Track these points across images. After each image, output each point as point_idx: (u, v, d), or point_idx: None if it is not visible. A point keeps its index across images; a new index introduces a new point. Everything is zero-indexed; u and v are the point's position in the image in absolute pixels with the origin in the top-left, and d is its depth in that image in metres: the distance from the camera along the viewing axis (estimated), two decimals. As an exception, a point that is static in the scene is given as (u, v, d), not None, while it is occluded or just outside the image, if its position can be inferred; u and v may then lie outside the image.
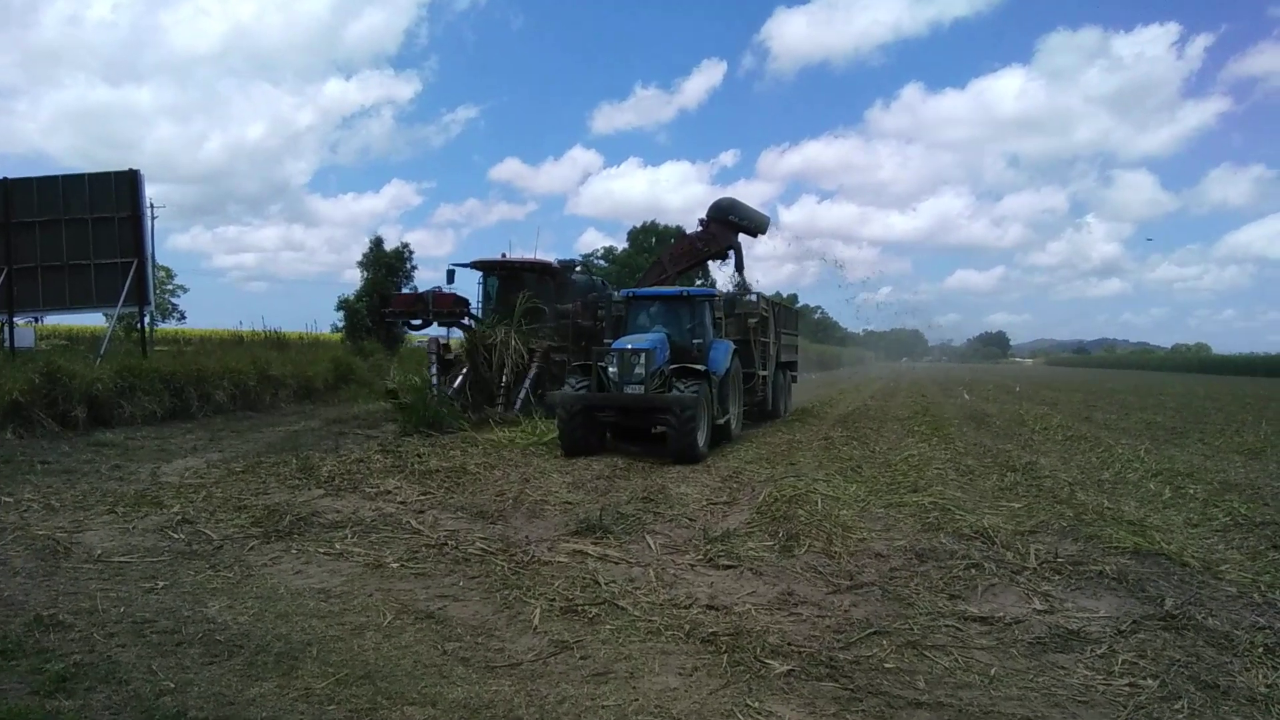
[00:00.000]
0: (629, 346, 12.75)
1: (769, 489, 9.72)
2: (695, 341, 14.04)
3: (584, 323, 17.69)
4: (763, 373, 17.86)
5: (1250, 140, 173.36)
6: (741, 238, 21.13)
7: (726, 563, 6.69)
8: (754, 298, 18.32)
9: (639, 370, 12.53)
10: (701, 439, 12.45)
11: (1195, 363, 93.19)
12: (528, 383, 16.62)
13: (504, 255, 19.42)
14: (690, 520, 8.29)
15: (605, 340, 14.05)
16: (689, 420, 12.04)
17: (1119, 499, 9.60)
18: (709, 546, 7.09)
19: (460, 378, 17.00)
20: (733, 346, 14.92)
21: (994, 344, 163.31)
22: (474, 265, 18.97)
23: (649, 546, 7.18)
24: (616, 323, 15.08)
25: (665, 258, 21.73)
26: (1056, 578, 6.37)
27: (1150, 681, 4.47)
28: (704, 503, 9.20)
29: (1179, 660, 4.76)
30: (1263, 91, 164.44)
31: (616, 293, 16.54)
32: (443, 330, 18.97)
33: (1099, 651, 4.89)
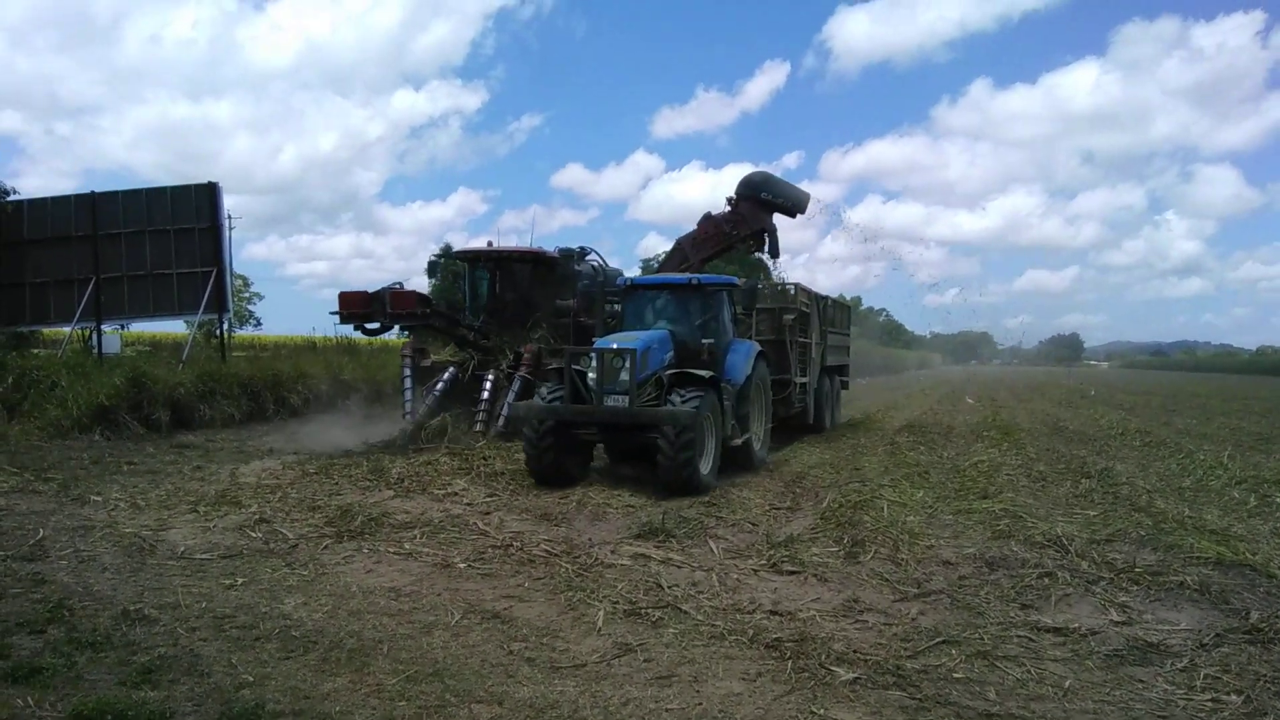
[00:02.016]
0: (613, 346, 10.30)
1: (833, 494, 9.63)
2: (705, 341, 11.41)
3: (587, 321, 14.91)
4: (800, 379, 15.21)
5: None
6: (777, 219, 18.26)
7: (790, 568, 6.64)
8: (790, 288, 15.67)
9: (624, 376, 10.00)
10: (706, 465, 10.03)
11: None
12: (511, 397, 14.09)
13: (491, 244, 17.04)
14: (753, 525, 8.26)
15: (594, 339, 11.69)
16: (685, 442, 9.53)
17: (1200, 507, 9.25)
18: (772, 551, 7.05)
19: (441, 383, 15.00)
20: (757, 348, 12.23)
21: (1067, 346, 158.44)
22: (458, 256, 17.04)
23: (712, 551, 7.17)
24: (612, 318, 12.57)
25: (687, 243, 18.47)
26: (1134, 588, 6.17)
27: (1234, 697, 4.31)
28: (767, 507, 9.15)
29: (1265, 675, 4.57)
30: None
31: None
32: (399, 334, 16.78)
33: (1180, 665, 4.73)
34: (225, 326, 22.56)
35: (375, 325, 15.05)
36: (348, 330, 16.82)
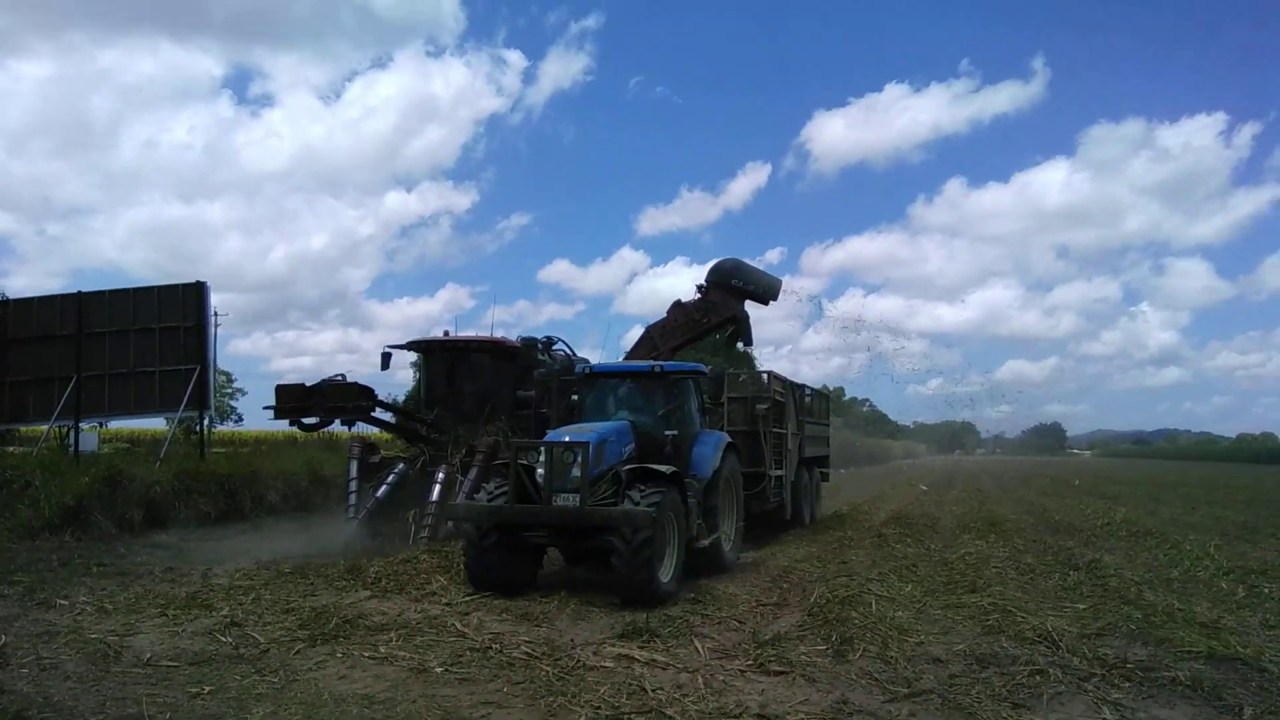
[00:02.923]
0: (565, 439, 9.57)
1: (821, 589, 9.48)
2: (669, 433, 10.72)
3: (549, 413, 14.02)
4: (775, 473, 14.41)
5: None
6: (749, 306, 17.89)
7: (778, 668, 6.48)
8: (764, 376, 15.10)
9: (575, 472, 9.17)
10: (667, 571, 9.14)
11: (1263, 453, 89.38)
12: (461, 495, 12.83)
13: (447, 333, 16.53)
14: (739, 622, 8.10)
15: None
16: (641, 545, 8.63)
17: (1190, 599, 9.17)
18: (759, 650, 6.90)
19: (394, 475, 14.14)
20: (726, 439, 11.53)
21: (1049, 435, 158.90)
22: (410, 346, 16.16)
23: (697, 650, 7.00)
24: (570, 409, 11.87)
25: (656, 331, 17.73)
26: (1126, 685, 6.05)
27: (1235, 800, 4.18)
28: (753, 603, 9.00)
29: (1265, 776, 4.45)
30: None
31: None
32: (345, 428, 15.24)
33: (1177, 766, 4.60)
34: (205, 423, 22.36)
35: (313, 420, 14.08)
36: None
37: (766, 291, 17.97)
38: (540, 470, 9.43)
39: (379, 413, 14.63)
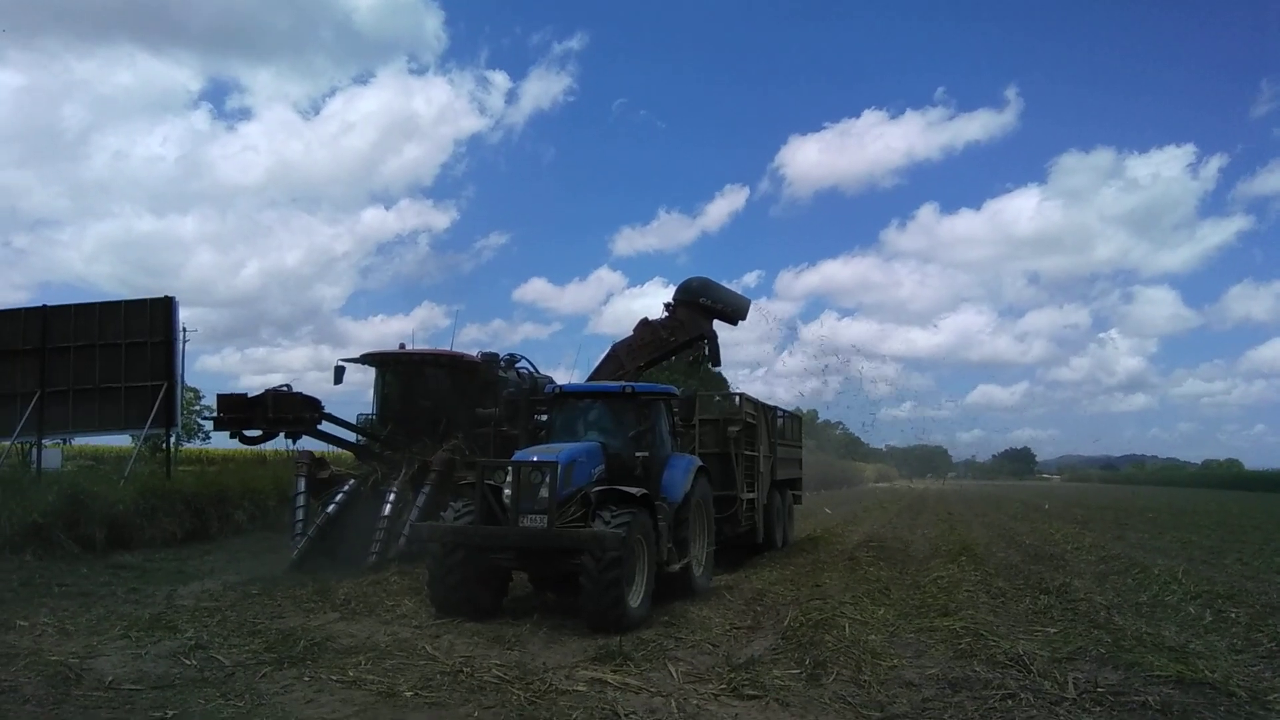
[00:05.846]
0: (533, 458, 9.38)
1: (794, 612, 9.48)
2: (639, 455, 10.50)
3: (510, 431, 13.63)
4: (748, 495, 14.27)
5: (1271, 257, 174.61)
6: (717, 325, 17.77)
7: (751, 692, 6.46)
8: (735, 399, 14.88)
9: (543, 493, 8.99)
10: (636, 596, 8.98)
11: (1227, 479, 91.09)
12: (415, 514, 12.54)
13: (402, 346, 16.11)
14: (713, 646, 8.07)
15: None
16: (610, 568, 8.48)
17: (1158, 623, 9.26)
18: (733, 674, 6.86)
19: (340, 496, 13.48)
20: (697, 462, 11.35)
21: (1019, 460, 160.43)
22: (364, 360, 15.62)
23: (670, 674, 6.95)
24: (537, 430, 11.69)
25: (623, 349, 17.47)
26: (1098, 709, 6.09)
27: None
28: (727, 627, 8.97)
29: (1234, 801, 4.48)
30: (1277, 210, 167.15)
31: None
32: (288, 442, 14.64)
33: (1147, 791, 4.62)
34: (172, 440, 21.99)
35: (256, 432, 13.53)
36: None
37: (735, 311, 17.84)
38: (507, 491, 9.23)
39: (328, 427, 14.21)
